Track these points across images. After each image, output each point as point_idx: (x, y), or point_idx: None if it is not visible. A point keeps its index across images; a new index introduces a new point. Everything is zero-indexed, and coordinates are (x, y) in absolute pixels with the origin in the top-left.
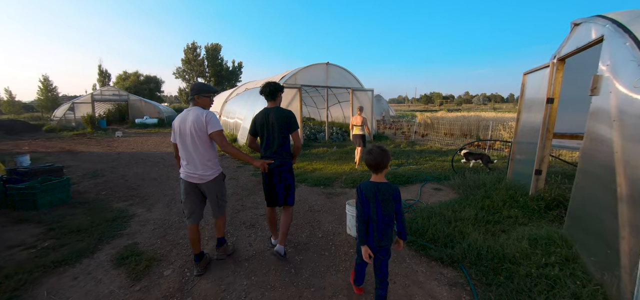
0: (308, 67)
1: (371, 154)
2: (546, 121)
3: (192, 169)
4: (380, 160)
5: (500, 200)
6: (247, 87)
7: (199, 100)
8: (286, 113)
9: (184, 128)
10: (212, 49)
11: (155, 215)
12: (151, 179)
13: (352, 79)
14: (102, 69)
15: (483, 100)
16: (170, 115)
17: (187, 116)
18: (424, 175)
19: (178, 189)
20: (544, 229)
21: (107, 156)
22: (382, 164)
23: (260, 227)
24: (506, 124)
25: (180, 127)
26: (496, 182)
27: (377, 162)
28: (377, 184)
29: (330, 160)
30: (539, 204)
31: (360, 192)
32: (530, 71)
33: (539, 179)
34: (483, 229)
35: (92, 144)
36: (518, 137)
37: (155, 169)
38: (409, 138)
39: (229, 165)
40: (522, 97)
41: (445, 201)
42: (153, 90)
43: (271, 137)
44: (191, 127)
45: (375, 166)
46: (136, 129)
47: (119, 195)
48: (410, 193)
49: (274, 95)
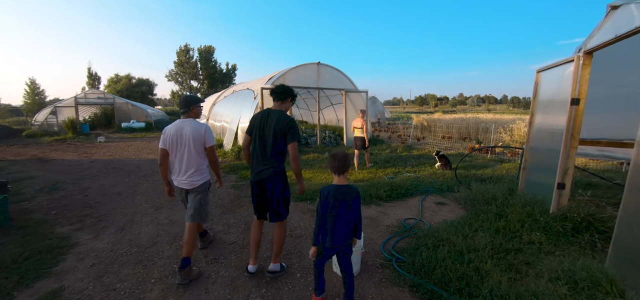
0: (297, 67)
1: (335, 159)
2: (570, 126)
3: (183, 176)
4: (343, 164)
5: (516, 220)
6: (234, 89)
7: (194, 111)
8: (289, 119)
9: (180, 138)
10: (205, 52)
11: (102, 244)
12: (115, 193)
13: (345, 80)
14: (91, 72)
15: (477, 101)
16: (161, 119)
17: (183, 126)
18: (424, 185)
19: (142, 206)
20: (579, 262)
21: (78, 165)
22: (343, 167)
23: (224, 264)
24: (507, 126)
25: (176, 136)
26: (507, 195)
27: (340, 166)
28: (339, 187)
29: (320, 168)
30: (564, 225)
31: (322, 196)
32: (545, 68)
33: (562, 194)
34: (504, 263)
35: (69, 150)
36: (532, 143)
37: (125, 180)
38: (405, 142)
39: None
40: (535, 98)
41: (452, 220)
42: (145, 93)
43: (266, 142)
44: (190, 137)
45: (338, 170)
46: (121, 134)
47: (69, 216)
48: (410, 210)
49: (282, 97)
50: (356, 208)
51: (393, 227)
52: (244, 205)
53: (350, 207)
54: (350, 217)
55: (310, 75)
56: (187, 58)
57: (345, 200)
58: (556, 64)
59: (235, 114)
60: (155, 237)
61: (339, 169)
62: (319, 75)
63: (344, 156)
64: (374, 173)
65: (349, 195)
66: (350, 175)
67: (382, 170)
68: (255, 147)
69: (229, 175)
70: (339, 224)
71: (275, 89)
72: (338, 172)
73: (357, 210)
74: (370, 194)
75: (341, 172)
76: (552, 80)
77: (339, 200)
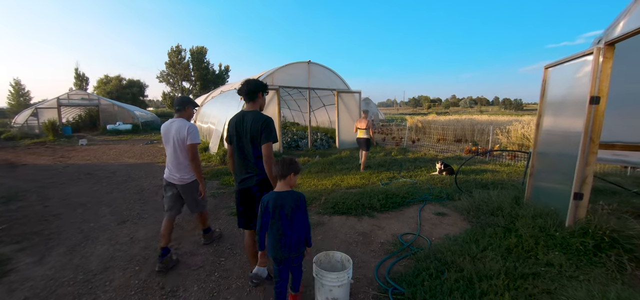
0: (287, 66)
1: (278, 164)
2: (589, 128)
3: (173, 171)
4: (287, 169)
5: (529, 236)
6: (222, 90)
7: (188, 111)
8: (264, 119)
9: (168, 135)
10: (197, 52)
11: (43, 270)
12: (78, 204)
13: (337, 79)
14: (79, 73)
15: (470, 103)
16: (150, 121)
17: (171, 126)
18: (422, 192)
19: (105, 219)
20: (612, 293)
21: (49, 170)
22: (283, 172)
23: (183, 297)
24: (503, 127)
25: (165, 134)
26: (514, 204)
27: (283, 172)
28: (280, 193)
29: (310, 174)
30: (585, 242)
31: (264, 204)
32: (555, 63)
33: (580, 206)
34: (522, 295)
35: (45, 154)
36: (540, 147)
37: (94, 188)
38: (400, 144)
39: None
40: (543, 97)
41: (455, 235)
42: (136, 94)
43: (245, 148)
44: (175, 135)
45: (280, 175)
46: (106, 136)
47: (17, 232)
48: (407, 222)
49: (253, 96)
50: (299, 216)
51: (388, 245)
52: (221, 218)
53: (289, 215)
54: (295, 226)
55: (300, 75)
56: (178, 59)
57: (283, 208)
58: (569, 59)
59: (221, 115)
60: (109, 260)
61: (280, 172)
62: (309, 75)
63: (288, 160)
64: (367, 178)
65: (288, 204)
66: (343, 181)
67: (376, 174)
68: (235, 153)
69: (211, 182)
70: (285, 235)
71: (242, 88)
72: (279, 177)
73: (302, 218)
74: (363, 204)
75: (281, 177)
76: (564, 76)
77: (278, 207)
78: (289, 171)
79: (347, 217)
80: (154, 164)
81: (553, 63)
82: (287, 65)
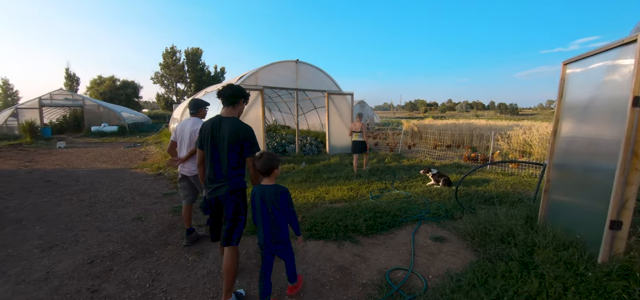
0: (272, 65)
1: (260, 159)
2: (632, 138)
3: (186, 165)
4: (269, 165)
5: (554, 276)
6: (206, 90)
7: (201, 112)
8: (244, 128)
9: (183, 132)
10: (192, 54)
11: None
12: (12, 220)
13: (327, 80)
14: (69, 73)
15: (466, 107)
16: (139, 122)
17: (186, 124)
18: (417, 209)
19: (30, 243)
20: None
21: (7, 177)
22: (268, 169)
23: None
24: (503, 133)
25: (180, 132)
26: (527, 227)
27: (265, 168)
28: (263, 187)
29: (294, 183)
30: (629, 288)
31: (251, 196)
32: (577, 58)
33: (618, 237)
34: None
35: (16, 157)
36: (558, 157)
37: (44, 199)
38: (394, 149)
39: (153, 192)
40: (561, 99)
41: (459, 274)
42: (130, 95)
43: (219, 155)
44: (188, 132)
45: (262, 171)
46: (90, 138)
47: None
48: (397, 251)
49: (233, 101)
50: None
51: (372, 288)
52: (172, 242)
53: (271, 207)
54: (278, 217)
55: (287, 75)
56: (173, 60)
57: (266, 201)
58: (598, 51)
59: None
60: None
61: (262, 169)
62: (297, 75)
63: (268, 159)
64: (355, 190)
65: (271, 197)
66: (328, 193)
67: (366, 185)
68: (208, 161)
69: (175, 195)
70: (265, 223)
71: (223, 91)
72: (262, 173)
73: (285, 210)
74: (346, 225)
75: (265, 172)
76: (590, 73)
77: (259, 199)
78: (271, 166)
79: (325, 242)
80: (126, 170)
81: (574, 58)
82: (272, 64)
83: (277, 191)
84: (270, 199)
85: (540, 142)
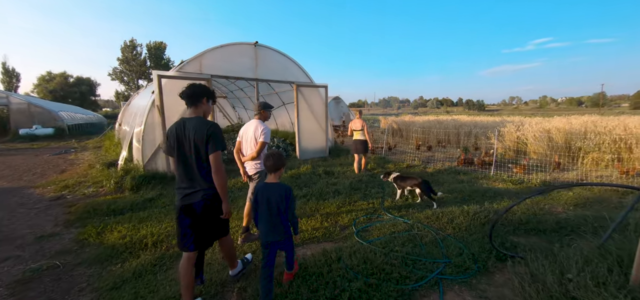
0: (222, 47)
1: (270, 159)
2: None
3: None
4: (279, 165)
5: None
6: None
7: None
8: (209, 126)
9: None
10: (154, 48)
11: None
12: None
13: (295, 69)
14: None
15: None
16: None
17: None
18: (426, 253)
19: None
20: None
21: None
22: (275, 166)
23: None
24: (493, 130)
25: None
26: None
27: (275, 167)
28: (268, 187)
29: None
30: None
31: (255, 193)
32: None
33: None
34: None
35: None
36: None
37: None
38: (375, 152)
39: (23, 233)
40: None
41: None
42: (86, 93)
43: (188, 160)
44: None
45: (272, 169)
46: (16, 143)
47: None
48: None
49: (195, 100)
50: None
51: None
52: None
53: (276, 205)
54: (280, 216)
55: (243, 61)
56: (133, 55)
57: (271, 199)
58: None
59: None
60: None
61: (271, 167)
62: (257, 61)
63: (277, 156)
64: (333, 218)
65: (273, 196)
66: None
67: (347, 206)
68: (177, 167)
69: (55, 238)
70: (266, 220)
71: (186, 90)
72: (270, 171)
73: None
74: None
75: (273, 170)
76: None
77: (265, 198)
78: (280, 165)
79: None
80: (21, 190)
81: None
82: (223, 46)
83: (282, 191)
84: (276, 200)
85: (535, 139)
